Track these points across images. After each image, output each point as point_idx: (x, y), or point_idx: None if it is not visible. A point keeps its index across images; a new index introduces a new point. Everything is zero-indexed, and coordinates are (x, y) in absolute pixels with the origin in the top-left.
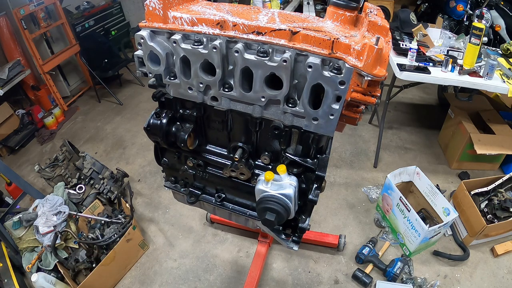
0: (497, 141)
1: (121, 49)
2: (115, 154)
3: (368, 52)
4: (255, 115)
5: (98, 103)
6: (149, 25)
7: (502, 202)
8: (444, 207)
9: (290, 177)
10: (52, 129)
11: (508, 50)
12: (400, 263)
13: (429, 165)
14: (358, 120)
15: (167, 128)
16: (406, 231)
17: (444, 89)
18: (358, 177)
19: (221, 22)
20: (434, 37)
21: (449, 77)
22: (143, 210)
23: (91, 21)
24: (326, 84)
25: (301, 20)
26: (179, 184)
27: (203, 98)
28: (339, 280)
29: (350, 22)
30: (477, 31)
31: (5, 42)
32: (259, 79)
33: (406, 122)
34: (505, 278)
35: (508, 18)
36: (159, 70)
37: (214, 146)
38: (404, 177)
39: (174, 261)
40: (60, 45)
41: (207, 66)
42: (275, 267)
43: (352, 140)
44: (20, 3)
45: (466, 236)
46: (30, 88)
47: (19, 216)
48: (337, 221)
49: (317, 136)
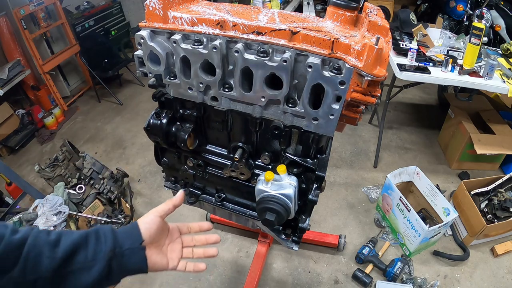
0: (497, 141)
1: (121, 49)
2: (115, 154)
3: (368, 52)
4: (255, 115)
5: (98, 103)
6: (149, 25)
7: (502, 202)
8: (444, 207)
9: (290, 177)
10: (52, 129)
11: (508, 50)
12: (400, 263)
13: (429, 165)
14: (358, 120)
15: (167, 128)
16: (406, 231)
17: (444, 89)
18: (358, 177)
19: (221, 22)
20: (434, 37)
21: (449, 77)
22: (143, 210)
23: (91, 21)
24: (326, 84)
25: (301, 20)
26: (179, 184)
27: (203, 98)
28: (339, 280)
29: (350, 22)
30: (477, 31)
31: (5, 42)
32: (259, 79)
33: (406, 122)
34: (505, 278)
35: (508, 18)
36: (159, 70)
37: (214, 146)
38: (404, 177)
39: None
40: (60, 45)
41: (207, 66)
42: (275, 267)
43: (352, 140)
44: (20, 3)
45: (466, 236)
46: (30, 88)
47: (19, 216)
48: (337, 221)
49: (317, 136)
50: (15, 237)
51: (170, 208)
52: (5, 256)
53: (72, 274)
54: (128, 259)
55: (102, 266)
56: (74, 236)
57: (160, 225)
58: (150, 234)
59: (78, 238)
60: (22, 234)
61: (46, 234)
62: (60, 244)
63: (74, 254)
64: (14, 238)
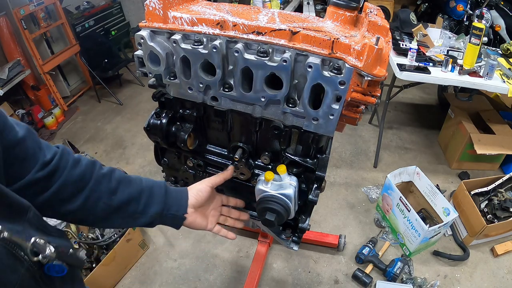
0: (497, 141)
1: (121, 49)
2: (115, 154)
3: (368, 52)
4: (255, 115)
5: (98, 103)
6: (149, 25)
7: (502, 202)
8: (444, 207)
9: (290, 177)
10: (52, 129)
11: (508, 50)
12: (400, 263)
13: (429, 165)
14: (358, 120)
15: (167, 128)
16: (406, 231)
17: (444, 89)
18: (358, 177)
19: (221, 22)
20: (434, 37)
21: (449, 77)
22: None
23: (91, 21)
24: (326, 84)
25: (301, 20)
26: (179, 184)
27: (203, 98)
28: (339, 280)
29: (350, 22)
30: (477, 31)
31: (5, 42)
32: (259, 79)
33: (406, 122)
34: (505, 278)
35: (508, 18)
36: (159, 70)
37: (214, 146)
38: (404, 177)
39: (174, 261)
40: (60, 45)
41: (207, 66)
42: (275, 267)
43: (352, 140)
44: (20, 3)
45: (466, 236)
46: (30, 88)
47: None
48: (337, 221)
49: (317, 136)
50: (75, 172)
51: (221, 180)
52: (63, 188)
53: (119, 218)
54: (168, 220)
55: (146, 220)
56: (131, 189)
57: (209, 194)
58: (197, 200)
59: (133, 192)
60: (82, 170)
61: (107, 181)
62: (117, 193)
63: (126, 205)
64: (74, 172)
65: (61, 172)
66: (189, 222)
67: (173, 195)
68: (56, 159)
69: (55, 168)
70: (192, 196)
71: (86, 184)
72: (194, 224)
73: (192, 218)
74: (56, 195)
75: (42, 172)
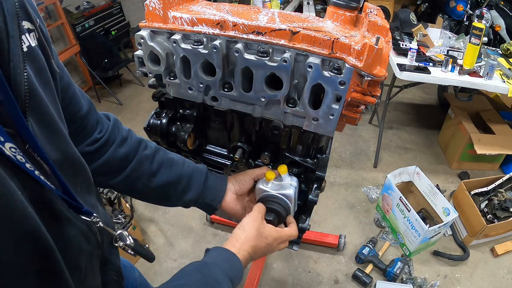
0: (497, 141)
1: (121, 49)
2: None
3: (368, 52)
4: (255, 115)
5: (98, 103)
6: (149, 25)
7: (502, 202)
8: (444, 207)
9: (291, 177)
10: None
11: (508, 50)
12: (400, 263)
13: (429, 165)
14: (358, 120)
15: (167, 128)
16: (406, 231)
17: (444, 89)
18: (358, 177)
19: (221, 22)
20: (434, 37)
21: (449, 77)
22: (143, 210)
23: (91, 21)
24: (326, 84)
25: (301, 20)
26: None
27: (203, 98)
28: (339, 280)
29: (350, 22)
30: (477, 31)
31: None
32: (259, 79)
33: (406, 122)
34: (505, 278)
35: (508, 18)
36: (159, 70)
37: (214, 146)
38: (404, 177)
39: (174, 261)
40: (60, 45)
41: (207, 66)
42: (275, 267)
43: (352, 140)
44: None
45: (466, 236)
46: None
47: None
48: (337, 221)
49: (317, 136)
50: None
51: (264, 173)
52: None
53: (155, 198)
54: (201, 206)
55: (180, 204)
56: (171, 173)
57: (249, 185)
58: (241, 188)
59: (172, 177)
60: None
61: (149, 162)
62: (157, 176)
63: (164, 188)
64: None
65: (107, 149)
66: (231, 207)
67: (211, 185)
68: (106, 136)
69: (103, 144)
70: (236, 183)
71: (128, 164)
72: (234, 210)
73: (233, 205)
74: (98, 169)
75: (91, 147)
